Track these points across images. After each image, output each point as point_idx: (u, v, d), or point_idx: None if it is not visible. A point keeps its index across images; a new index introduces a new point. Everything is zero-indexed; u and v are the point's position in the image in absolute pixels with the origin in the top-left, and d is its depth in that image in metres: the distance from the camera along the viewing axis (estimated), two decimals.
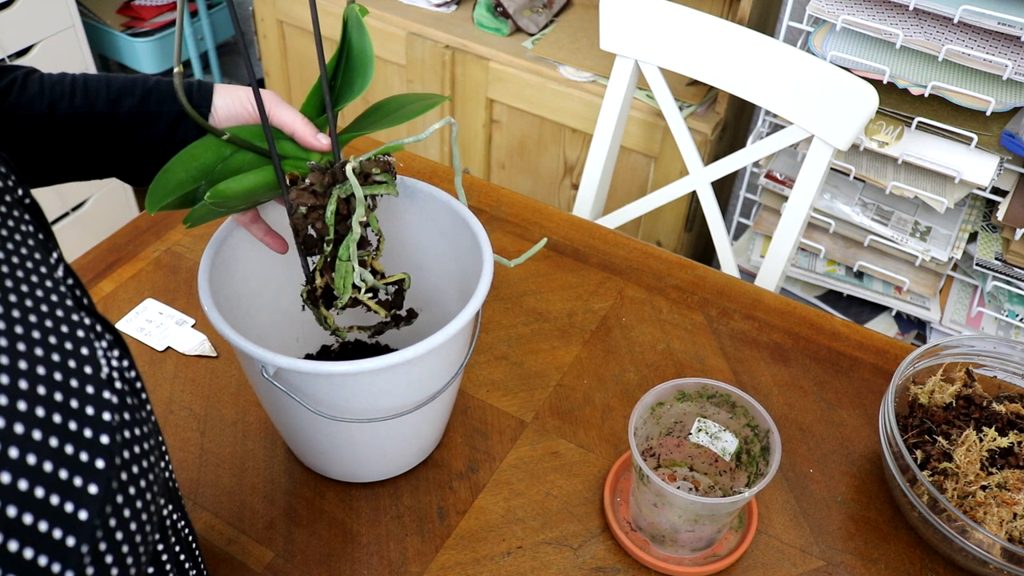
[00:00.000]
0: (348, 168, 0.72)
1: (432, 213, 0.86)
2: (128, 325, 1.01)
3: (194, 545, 0.62)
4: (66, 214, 2.09)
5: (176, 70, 0.71)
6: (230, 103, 0.74)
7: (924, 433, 0.87)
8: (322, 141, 0.74)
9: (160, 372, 0.96)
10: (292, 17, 1.96)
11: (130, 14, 2.18)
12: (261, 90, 0.73)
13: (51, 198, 2.03)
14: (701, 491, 0.86)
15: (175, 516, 0.58)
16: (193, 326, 1.01)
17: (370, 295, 0.77)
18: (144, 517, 0.44)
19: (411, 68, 1.82)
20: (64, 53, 1.96)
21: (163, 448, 0.54)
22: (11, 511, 0.36)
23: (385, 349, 0.97)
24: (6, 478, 0.36)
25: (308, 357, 0.96)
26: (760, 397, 0.96)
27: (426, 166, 1.24)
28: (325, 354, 0.97)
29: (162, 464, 0.50)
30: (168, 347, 0.99)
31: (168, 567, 0.55)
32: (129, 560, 0.43)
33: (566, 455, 0.90)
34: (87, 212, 2.13)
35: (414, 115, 0.78)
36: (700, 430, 0.85)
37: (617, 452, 0.90)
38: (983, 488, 0.82)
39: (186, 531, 0.60)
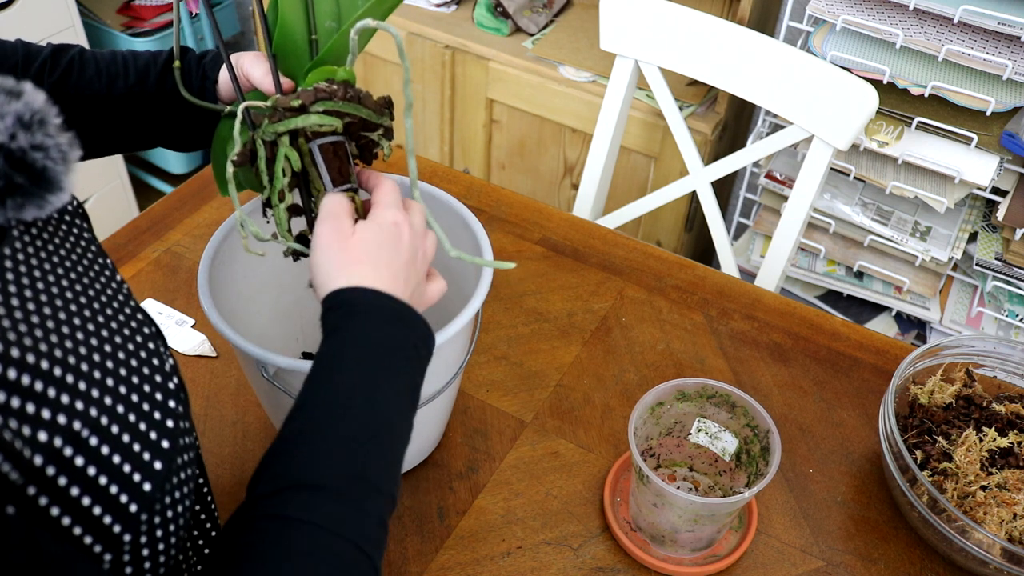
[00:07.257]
0: (239, 109, 0.65)
1: (432, 213, 0.86)
2: None
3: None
4: None
5: (175, 64, 0.73)
6: (224, 77, 0.75)
7: (924, 433, 0.87)
8: (267, 85, 0.69)
9: None
10: None
11: (130, 14, 2.18)
12: (246, 53, 0.72)
13: None
14: (701, 491, 0.86)
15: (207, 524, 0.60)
16: (193, 326, 1.01)
17: None
18: (180, 509, 0.47)
19: (411, 68, 1.82)
20: None
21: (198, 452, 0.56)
22: (91, 471, 0.40)
23: None
24: (94, 441, 0.41)
25: (308, 357, 0.96)
26: (760, 397, 0.96)
27: (426, 166, 1.24)
28: None
29: (195, 465, 0.51)
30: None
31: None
32: (160, 546, 0.46)
33: (566, 455, 0.90)
34: (87, 212, 2.12)
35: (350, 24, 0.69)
36: (700, 430, 0.85)
37: (617, 452, 0.90)
38: (983, 488, 0.82)
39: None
